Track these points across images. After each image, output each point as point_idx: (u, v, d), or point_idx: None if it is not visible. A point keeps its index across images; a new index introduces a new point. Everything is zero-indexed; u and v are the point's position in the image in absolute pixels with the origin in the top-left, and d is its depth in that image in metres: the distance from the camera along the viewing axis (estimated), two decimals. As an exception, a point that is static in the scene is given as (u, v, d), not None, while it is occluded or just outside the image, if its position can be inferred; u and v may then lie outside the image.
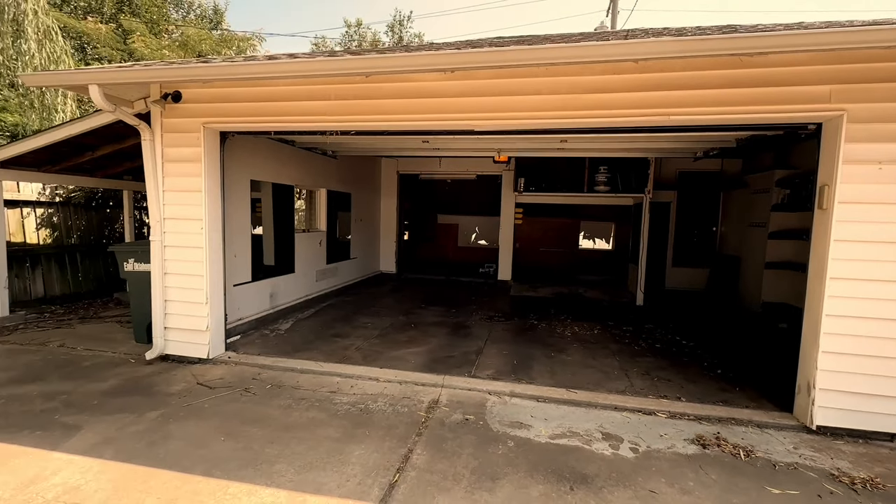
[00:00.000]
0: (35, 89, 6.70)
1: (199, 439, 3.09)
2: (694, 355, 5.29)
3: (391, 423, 3.38)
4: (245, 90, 4.18)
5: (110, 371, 4.32)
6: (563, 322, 6.80)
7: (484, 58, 2.94)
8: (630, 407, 3.75)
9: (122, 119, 4.11)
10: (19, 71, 6.36)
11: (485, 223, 13.57)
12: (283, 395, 3.85)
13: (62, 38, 6.78)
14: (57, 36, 6.68)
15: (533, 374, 4.52)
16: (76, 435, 3.12)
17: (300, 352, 5.04)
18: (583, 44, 2.86)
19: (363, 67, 3.28)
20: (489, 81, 3.69)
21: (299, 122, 4.14)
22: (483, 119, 3.78)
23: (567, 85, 3.58)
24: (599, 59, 2.88)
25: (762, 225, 7.40)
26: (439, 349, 5.31)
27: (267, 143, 6.02)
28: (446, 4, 40.13)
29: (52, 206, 6.90)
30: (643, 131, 3.93)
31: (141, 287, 5.00)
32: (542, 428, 3.38)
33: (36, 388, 3.89)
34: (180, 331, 4.55)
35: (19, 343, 5.10)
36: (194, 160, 4.38)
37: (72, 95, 7.12)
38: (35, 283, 6.61)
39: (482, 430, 3.32)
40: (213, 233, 4.52)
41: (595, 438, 3.24)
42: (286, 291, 6.70)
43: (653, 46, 2.79)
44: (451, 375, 4.36)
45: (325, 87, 3.98)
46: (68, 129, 5.03)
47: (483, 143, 5.90)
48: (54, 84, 3.94)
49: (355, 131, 4.37)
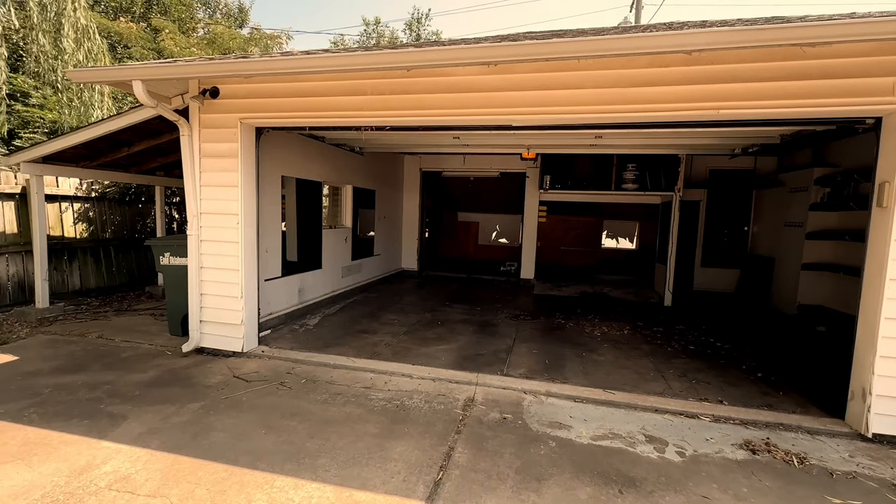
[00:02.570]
0: (73, 87, 6.89)
1: (240, 432, 3.12)
2: (731, 358, 5.14)
3: (429, 421, 3.36)
4: (282, 86, 4.19)
5: (149, 362, 4.40)
6: (590, 322, 6.70)
7: (531, 50, 2.88)
8: (671, 409, 3.66)
9: (162, 115, 4.17)
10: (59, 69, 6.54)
11: (505, 221, 13.49)
12: (318, 390, 3.86)
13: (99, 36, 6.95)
14: (94, 34, 6.84)
15: (566, 374, 4.45)
16: (122, 425, 3.17)
17: (330, 347, 5.06)
18: (636, 35, 2.77)
19: (407, 61, 3.25)
20: (530, 75, 3.63)
21: (335, 118, 4.14)
22: (523, 114, 3.71)
23: (611, 78, 3.50)
24: (653, 50, 2.79)
25: (799, 225, 7.16)
26: (468, 347, 5.27)
27: (297, 139, 6.05)
28: (464, 2, 39.97)
29: (89, 201, 7.08)
30: (687, 126, 3.81)
31: (176, 280, 5.08)
32: (582, 429, 3.31)
33: (80, 377, 3.98)
34: (215, 324, 4.60)
35: (60, 334, 5.23)
36: (231, 156, 4.42)
37: (108, 93, 7.29)
38: (72, 276, 6.79)
39: (521, 430, 3.27)
40: (249, 228, 4.56)
41: (638, 441, 3.16)
42: (313, 287, 6.74)
43: (710, 37, 2.69)
44: (484, 374, 4.31)
45: (362, 83, 3.97)
46: (108, 125, 5.13)
47: (513, 139, 5.83)
48: (99, 80, 4.02)
49: (390, 127, 4.35)
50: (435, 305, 7.46)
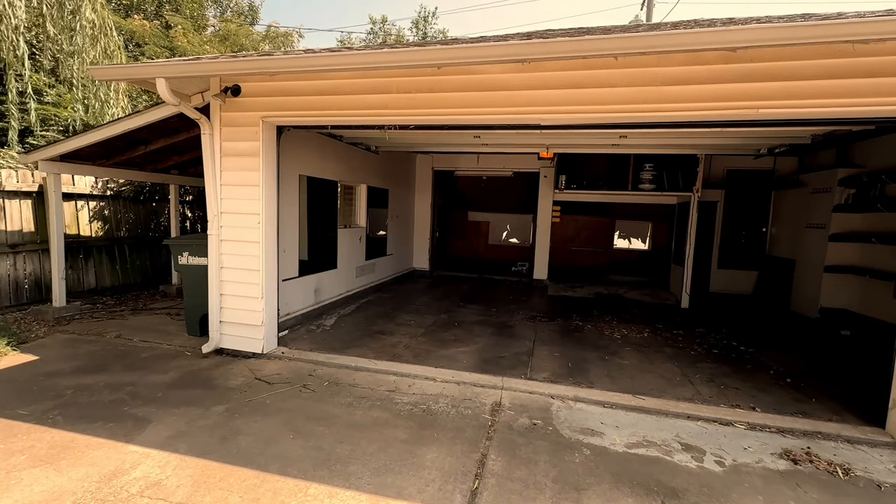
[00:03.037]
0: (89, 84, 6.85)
1: (268, 436, 3.06)
2: (756, 362, 5.04)
3: (458, 426, 3.29)
4: (304, 83, 4.13)
5: (169, 363, 4.35)
6: (608, 324, 6.61)
7: (571, 47, 2.80)
8: (704, 416, 3.57)
9: (184, 113, 4.12)
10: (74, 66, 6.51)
11: (516, 221, 13.38)
12: (342, 393, 3.80)
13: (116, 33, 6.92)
14: (111, 31, 6.81)
15: (591, 378, 4.37)
16: (148, 428, 3.12)
17: (349, 348, 5.00)
18: (682, 31, 2.68)
19: (439, 58, 3.17)
20: (560, 73, 3.54)
21: (360, 116, 4.07)
22: (552, 113, 3.63)
23: (644, 76, 3.40)
24: (698, 46, 2.70)
25: (821, 226, 7.03)
26: (488, 349, 5.20)
27: (314, 137, 6.00)
28: (470, 1, 39.78)
29: (104, 200, 7.05)
30: (721, 126, 3.72)
31: (194, 280, 5.04)
32: (615, 436, 3.24)
33: (102, 378, 3.94)
34: (236, 325, 4.55)
35: (78, 333, 5.20)
36: (252, 154, 4.36)
37: (124, 90, 7.25)
38: (87, 275, 6.77)
39: (553, 437, 3.19)
40: (269, 227, 4.50)
41: (675, 449, 3.08)
42: (329, 287, 6.69)
43: (758, 33, 2.60)
44: (509, 377, 4.24)
45: (388, 80, 3.89)
46: (126, 123, 5.09)
47: (534, 138, 5.75)
48: (121, 77, 3.98)
49: (414, 126, 4.28)
50: (450, 306, 7.39)
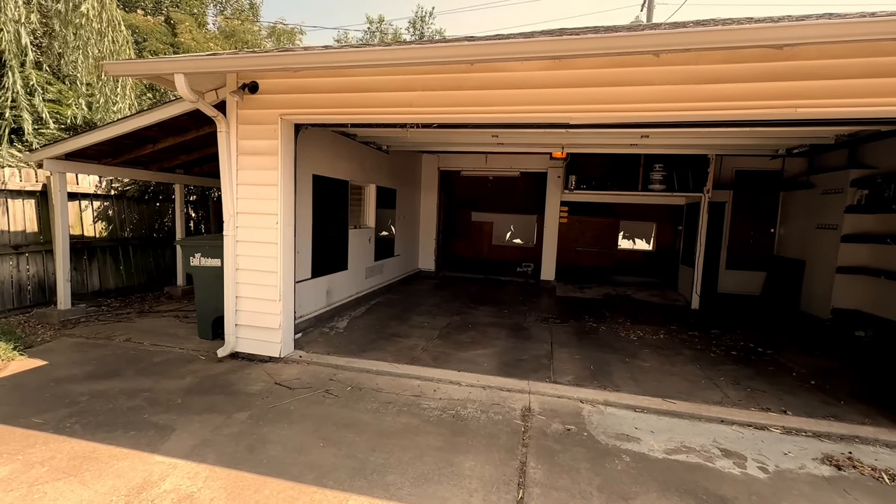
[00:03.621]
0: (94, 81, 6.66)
1: (297, 444, 2.95)
2: (777, 364, 5.00)
3: (491, 432, 3.20)
4: (326, 80, 4.02)
5: (184, 368, 4.23)
6: (622, 325, 6.56)
7: (613, 43, 2.72)
8: (738, 420, 3.51)
9: (201, 110, 4.00)
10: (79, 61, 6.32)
11: (520, 221, 13.30)
12: (366, 398, 3.70)
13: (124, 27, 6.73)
14: (120, 25, 6.63)
15: (616, 381, 4.30)
16: (171, 436, 3.01)
17: (366, 352, 4.90)
18: (732, 27, 2.61)
19: (472, 55, 3.08)
20: (592, 71, 3.47)
21: (382, 114, 3.97)
22: (583, 111, 3.56)
23: (679, 75, 3.34)
24: (746, 43, 2.64)
25: (833, 227, 7.03)
26: (507, 352, 5.12)
27: (327, 136, 5.88)
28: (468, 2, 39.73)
29: (108, 199, 6.88)
30: (751, 125, 3.67)
31: (207, 282, 4.91)
32: (652, 441, 3.16)
33: (116, 384, 3.81)
34: (252, 328, 4.43)
35: (86, 337, 5.05)
36: (270, 153, 4.24)
37: (131, 86, 7.07)
38: (91, 276, 6.60)
39: (589, 443, 3.12)
40: (287, 228, 4.39)
41: (715, 455, 3.01)
42: (340, 289, 6.57)
43: (808, 30, 2.54)
44: (534, 381, 4.17)
45: (413, 78, 3.80)
46: (136, 120, 4.95)
47: (550, 137, 5.67)
48: (138, 73, 3.84)
49: (438, 124, 4.18)
50: (460, 308, 7.31)
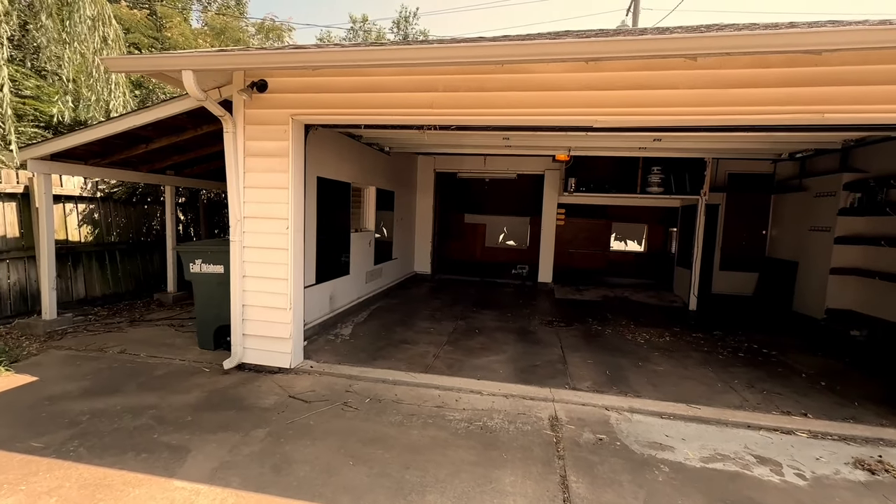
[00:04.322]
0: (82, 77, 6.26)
1: (325, 463, 2.80)
2: (784, 365, 5.08)
3: (523, 445, 3.11)
4: (340, 80, 3.86)
5: (188, 381, 4.00)
6: (626, 327, 6.58)
7: (656, 45, 2.67)
8: (764, 425, 3.51)
9: (207, 108, 3.79)
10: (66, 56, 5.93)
11: (513, 223, 13.28)
12: (388, 411, 3.56)
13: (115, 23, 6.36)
14: (111, 20, 6.26)
15: (634, 386, 4.27)
16: (187, 458, 2.81)
17: (377, 360, 4.75)
18: (768, 32, 2.59)
19: (501, 55, 2.98)
20: (619, 74, 3.42)
21: (400, 115, 3.84)
22: (609, 115, 3.50)
23: (706, 79, 3.32)
24: (781, 48, 2.62)
25: (826, 229, 7.21)
26: (520, 357, 5.04)
27: (330, 137, 5.70)
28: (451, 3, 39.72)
29: (94, 202, 6.52)
30: (770, 130, 3.69)
31: (208, 290, 4.68)
32: (686, 450, 3.12)
33: (117, 401, 3.56)
34: (261, 338, 4.23)
35: (76, 349, 4.75)
36: (280, 155, 4.06)
37: (125, 83, 6.71)
38: (77, 283, 6.24)
39: (624, 453, 3.05)
40: (297, 234, 4.21)
41: (750, 462, 2.99)
42: (342, 294, 6.39)
43: (843, 37, 2.53)
44: (556, 388, 4.10)
45: (434, 78, 3.68)
46: (132, 119, 4.68)
47: (560, 140, 5.62)
48: (140, 69, 3.60)
49: (457, 126, 4.07)
50: (463, 312, 7.21)
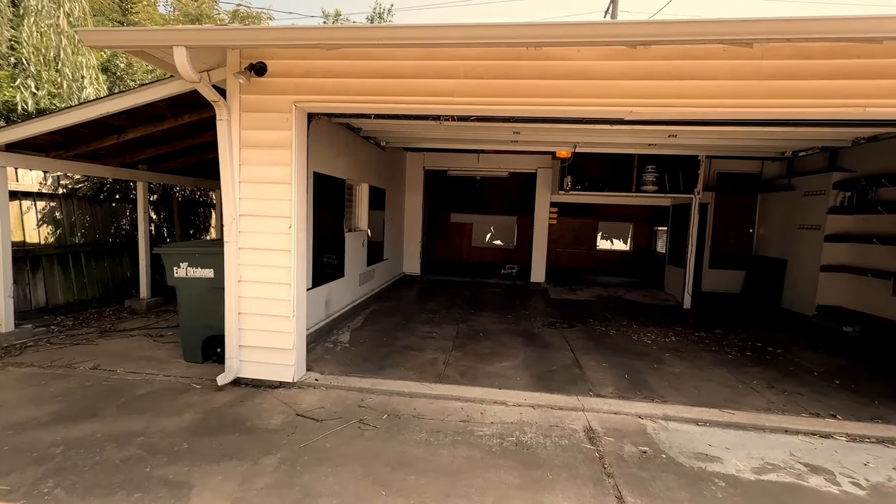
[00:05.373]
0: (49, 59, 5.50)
1: (354, 495, 2.45)
2: (793, 363, 5.08)
3: (566, 462, 2.86)
4: (350, 64, 3.50)
5: (178, 401, 3.54)
6: (629, 328, 6.50)
7: (718, 29, 2.47)
8: (800, 429, 3.40)
9: (201, 92, 3.35)
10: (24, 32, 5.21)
11: (500, 223, 13.12)
12: (409, 428, 3.24)
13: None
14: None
15: (658, 391, 4.12)
16: (191, 497, 2.40)
17: (384, 369, 4.41)
18: (835, 18, 2.44)
19: (537, 36, 2.72)
20: (655, 63, 3.23)
21: (417, 104, 3.51)
22: (645, 106, 3.30)
23: (747, 69, 3.17)
24: (853, 34, 2.47)
25: (816, 227, 7.35)
26: (533, 362, 4.81)
27: (329, 128, 5.29)
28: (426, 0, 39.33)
29: (55, 199, 5.84)
30: (802, 125, 3.59)
31: (195, 297, 4.21)
32: (734, 460, 2.96)
33: (96, 427, 3.08)
34: (259, 349, 3.81)
35: (40, 365, 4.17)
36: (281, 146, 3.66)
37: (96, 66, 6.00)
38: (36, 290, 5.56)
39: (673, 467, 2.85)
40: (301, 233, 3.82)
41: (802, 471, 2.85)
42: (337, 298, 5.99)
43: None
44: (582, 396, 3.88)
45: (455, 64, 3.38)
46: (103, 105, 4.14)
47: (569, 135, 5.43)
48: (123, 45, 3.11)
49: (476, 117, 3.79)
50: (462, 315, 6.93)
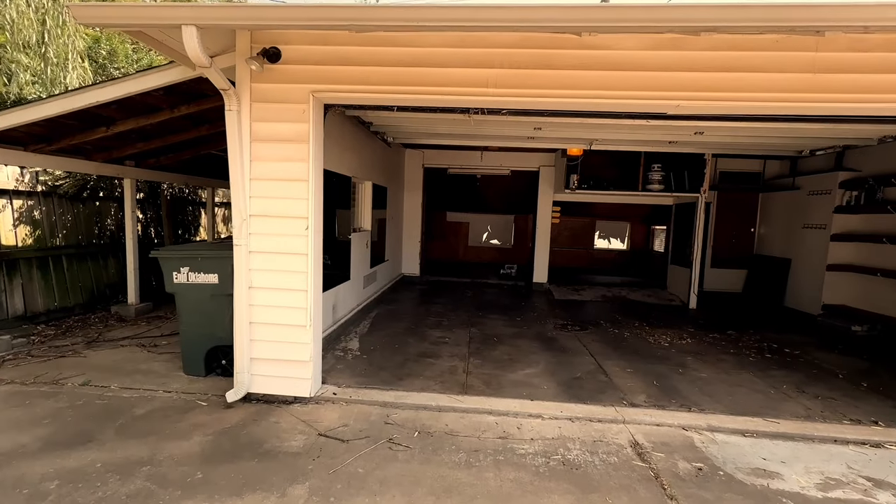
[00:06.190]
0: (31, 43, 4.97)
1: (400, 531, 2.19)
2: (814, 365, 5.01)
3: (622, 483, 2.64)
4: (372, 50, 3.21)
5: (184, 421, 3.20)
6: (642, 329, 6.38)
7: (794, 14, 2.28)
8: (850, 438, 3.27)
9: (210, 79, 3.01)
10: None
11: (497, 222, 12.92)
12: (445, 447, 2.98)
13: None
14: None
15: (691, 398, 3.96)
16: (215, 539, 2.10)
17: (403, 380, 4.13)
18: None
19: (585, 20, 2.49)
20: (703, 54, 3.04)
21: (449, 95, 3.24)
22: (692, 99, 3.11)
23: (798, 62, 3.00)
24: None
25: (821, 227, 7.34)
26: (556, 369, 4.60)
27: (335, 122, 4.96)
28: None
29: (33, 197, 5.36)
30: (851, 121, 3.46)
31: (198, 304, 3.86)
32: (794, 476, 2.79)
33: (94, 455, 2.73)
34: (273, 362, 3.49)
35: (22, 382, 3.76)
36: (297, 140, 3.34)
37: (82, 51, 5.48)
38: (13, 297, 5.08)
39: (735, 486, 2.67)
40: (317, 235, 3.51)
41: (867, 486, 2.70)
42: (344, 302, 5.67)
43: None
44: (618, 405, 3.68)
45: (491, 52, 3.13)
46: (93, 94, 3.75)
47: (586, 131, 5.22)
48: (121, 23, 2.73)
49: (508, 110, 3.54)
50: (470, 318, 6.69)
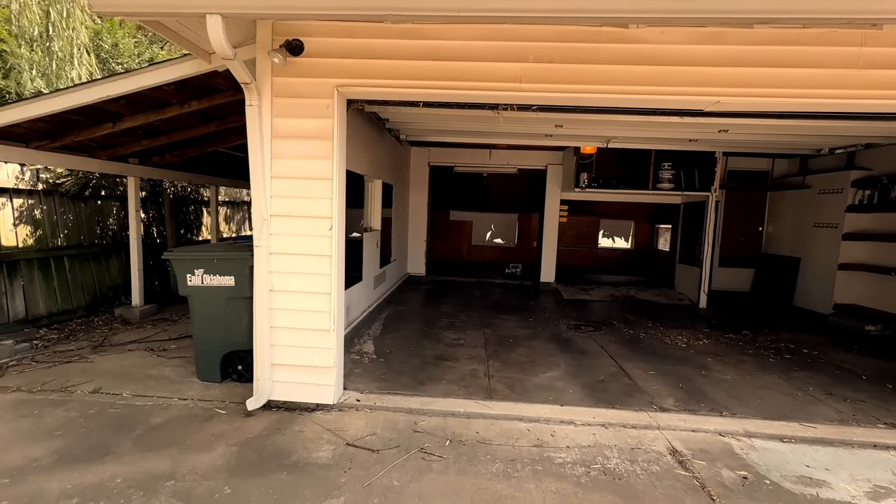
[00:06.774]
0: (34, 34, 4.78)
1: (447, 549, 2.07)
2: (835, 365, 4.98)
3: (668, 494, 2.54)
4: (399, 43, 3.07)
5: (204, 431, 3.06)
6: (656, 330, 6.32)
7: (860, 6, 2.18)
8: (888, 443, 3.20)
9: (233, 72, 2.86)
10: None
11: (501, 220, 12.82)
12: (479, 457, 2.86)
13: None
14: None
15: (720, 401, 3.88)
16: (253, 561, 1.97)
17: (425, 385, 4.02)
18: None
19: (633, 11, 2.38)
20: (744, 49, 2.94)
21: (478, 90, 3.11)
22: (734, 96, 3.01)
23: (842, 57, 2.91)
24: None
25: (833, 226, 7.32)
26: (578, 372, 4.51)
27: (353, 118, 4.81)
28: None
29: (34, 196, 5.16)
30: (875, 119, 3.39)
31: (213, 308, 3.72)
32: (841, 483, 2.71)
33: (113, 469, 2.59)
34: (294, 368, 3.35)
35: (28, 389, 3.59)
36: (321, 137, 3.20)
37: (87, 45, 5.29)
38: (14, 300, 4.89)
39: (784, 495, 2.58)
40: (341, 236, 3.37)
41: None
42: (356, 303, 5.54)
43: None
44: (650, 410, 3.59)
45: (522, 46, 3.01)
46: (102, 88, 3.57)
47: (611, 128, 5.11)
48: (142, 12, 2.54)
49: (538, 106, 3.42)
50: (483, 319, 6.58)
